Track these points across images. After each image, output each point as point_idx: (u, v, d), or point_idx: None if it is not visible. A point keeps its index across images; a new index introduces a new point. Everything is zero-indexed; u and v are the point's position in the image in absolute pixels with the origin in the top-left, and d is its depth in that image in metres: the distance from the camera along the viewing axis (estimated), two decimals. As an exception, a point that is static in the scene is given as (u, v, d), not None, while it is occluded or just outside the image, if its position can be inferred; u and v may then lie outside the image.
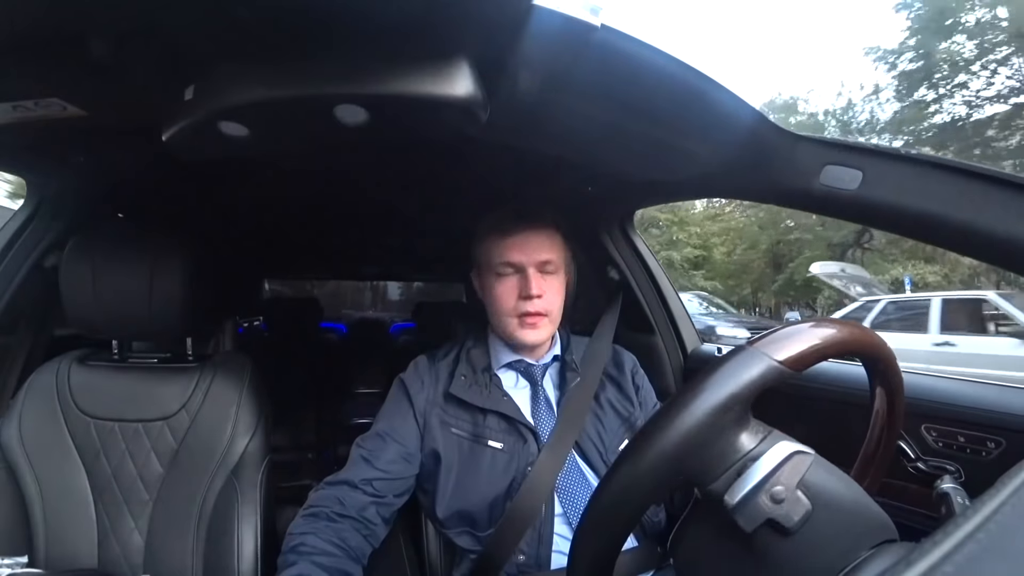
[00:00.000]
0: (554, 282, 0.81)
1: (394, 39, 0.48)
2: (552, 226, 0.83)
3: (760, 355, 0.37)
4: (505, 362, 0.84)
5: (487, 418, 0.79)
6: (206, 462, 0.87)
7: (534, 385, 0.84)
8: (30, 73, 0.53)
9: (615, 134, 0.71)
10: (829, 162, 0.66)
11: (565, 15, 0.47)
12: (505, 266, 0.80)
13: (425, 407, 0.81)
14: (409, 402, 0.81)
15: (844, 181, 0.65)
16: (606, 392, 0.87)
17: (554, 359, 0.87)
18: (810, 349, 0.38)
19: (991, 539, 0.22)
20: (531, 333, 0.79)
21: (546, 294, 0.79)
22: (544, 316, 0.80)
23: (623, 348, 0.96)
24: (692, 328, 1.28)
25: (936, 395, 0.80)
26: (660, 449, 0.35)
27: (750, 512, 0.36)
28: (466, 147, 0.83)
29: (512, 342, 0.82)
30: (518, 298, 0.79)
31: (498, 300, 0.80)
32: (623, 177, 0.97)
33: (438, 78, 0.50)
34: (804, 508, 0.36)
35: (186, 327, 0.92)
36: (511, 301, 0.79)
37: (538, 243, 0.80)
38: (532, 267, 0.79)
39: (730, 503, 0.36)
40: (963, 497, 0.43)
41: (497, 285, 0.80)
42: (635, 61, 0.55)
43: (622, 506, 0.37)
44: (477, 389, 0.81)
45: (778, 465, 0.36)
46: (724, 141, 0.73)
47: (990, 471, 0.71)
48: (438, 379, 0.83)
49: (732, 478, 0.37)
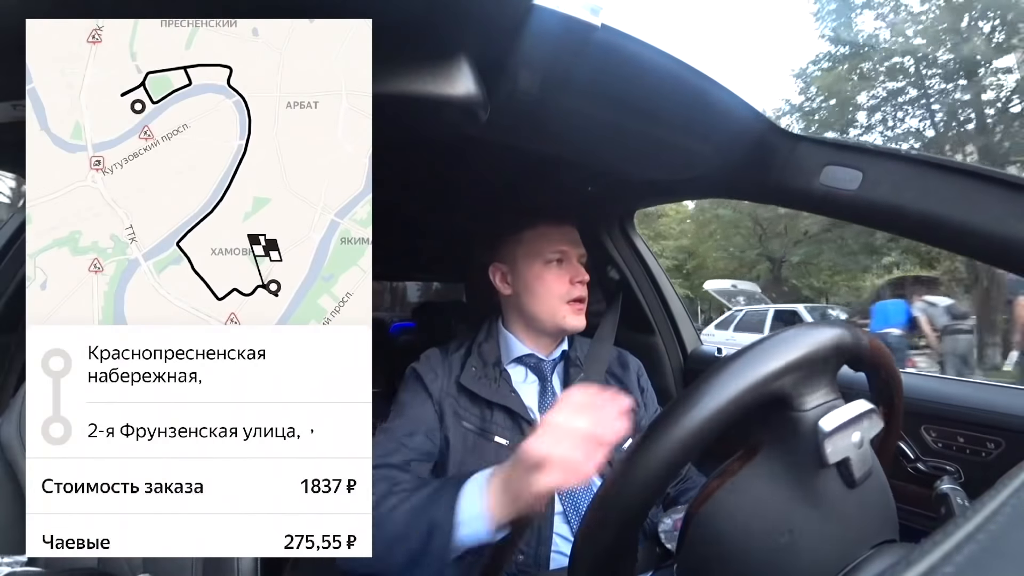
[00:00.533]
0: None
1: (394, 38, 0.47)
2: (576, 225, 0.89)
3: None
4: (516, 356, 0.85)
5: (494, 414, 0.79)
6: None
7: (543, 380, 0.84)
8: None
9: (615, 134, 0.71)
10: (829, 162, 0.67)
11: (565, 15, 0.47)
12: (556, 252, 0.83)
13: (440, 395, 0.81)
14: (426, 391, 0.81)
15: (844, 181, 0.65)
16: None
17: (562, 355, 0.88)
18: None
19: (991, 540, 0.22)
20: (579, 318, 0.83)
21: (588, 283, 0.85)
22: (586, 303, 0.85)
23: (628, 352, 0.96)
24: (692, 328, 1.28)
25: (936, 396, 0.80)
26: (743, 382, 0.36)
27: (838, 443, 0.37)
28: (466, 147, 0.83)
29: (558, 328, 0.84)
30: (570, 283, 0.83)
31: (550, 286, 0.83)
32: (623, 177, 0.97)
33: (438, 77, 0.50)
34: (868, 466, 0.38)
35: None
36: (564, 286, 0.83)
37: (578, 239, 0.87)
38: (576, 257, 0.85)
39: (824, 429, 0.37)
40: (963, 498, 0.43)
41: (546, 272, 0.83)
42: (635, 61, 0.55)
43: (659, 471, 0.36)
44: (486, 382, 0.81)
45: (866, 412, 0.38)
46: (724, 141, 0.73)
47: (990, 472, 0.71)
48: (451, 370, 0.83)
49: (827, 409, 0.38)
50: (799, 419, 0.38)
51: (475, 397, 0.80)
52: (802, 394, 0.38)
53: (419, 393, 0.81)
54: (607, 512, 0.37)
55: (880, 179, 0.63)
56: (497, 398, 0.79)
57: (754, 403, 0.36)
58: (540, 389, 0.84)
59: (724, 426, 0.36)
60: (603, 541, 0.37)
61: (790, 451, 0.38)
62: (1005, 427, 0.72)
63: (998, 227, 0.54)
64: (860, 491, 0.38)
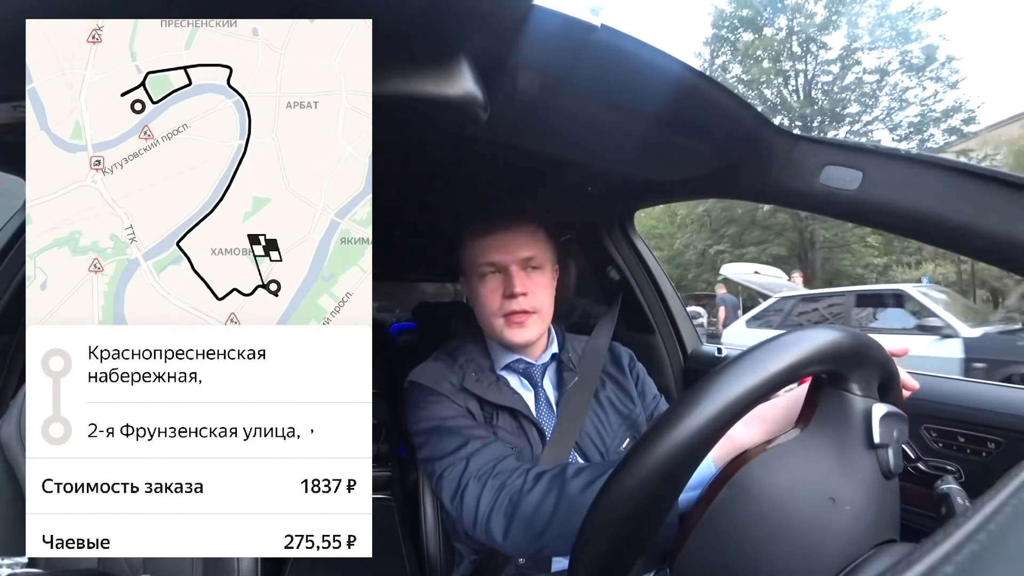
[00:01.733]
0: (540, 278, 0.80)
1: (394, 39, 0.48)
2: (533, 224, 0.82)
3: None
4: (505, 363, 0.84)
5: (499, 416, 0.79)
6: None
7: (535, 387, 0.84)
8: None
9: (615, 134, 0.71)
10: (829, 162, 0.67)
11: (565, 15, 0.47)
12: (486, 266, 0.79)
13: (462, 400, 0.79)
14: (448, 398, 0.79)
15: (844, 181, 0.65)
16: (606, 391, 0.87)
17: (552, 358, 0.87)
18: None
19: (991, 539, 0.22)
20: (519, 332, 0.78)
21: (532, 292, 0.79)
22: (532, 314, 0.79)
23: (619, 344, 0.95)
24: (692, 328, 1.28)
25: (936, 395, 0.80)
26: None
27: (884, 430, 0.40)
28: (466, 147, 0.83)
29: (503, 343, 0.82)
30: (503, 297, 0.78)
31: (483, 302, 0.80)
32: (623, 177, 0.97)
33: (438, 78, 0.50)
34: (899, 463, 0.41)
35: None
36: (496, 301, 0.79)
37: (519, 241, 0.79)
38: (514, 265, 0.78)
39: (876, 414, 0.40)
40: (963, 497, 0.43)
41: (481, 287, 0.80)
42: (635, 61, 0.55)
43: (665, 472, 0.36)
44: (486, 385, 0.80)
45: (902, 415, 0.42)
46: (724, 141, 0.73)
47: (990, 471, 0.71)
48: (453, 375, 0.82)
49: (874, 400, 0.42)
50: (854, 401, 0.41)
51: (481, 400, 0.79)
52: (857, 380, 0.41)
53: (436, 397, 0.79)
54: (605, 516, 0.37)
55: (880, 179, 0.63)
56: (501, 400, 0.79)
57: (774, 390, 0.37)
58: (534, 395, 0.83)
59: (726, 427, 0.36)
60: (601, 546, 0.37)
61: (842, 426, 0.41)
62: (1005, 427, 0.72)
63: (998, 227, 0.54)
64: (890, 484, 0.41)
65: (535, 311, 0.79)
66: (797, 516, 0.38)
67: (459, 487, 0.69)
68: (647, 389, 0.91)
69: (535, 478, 0.65)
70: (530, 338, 0.80)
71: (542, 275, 0.81)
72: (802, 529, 0.38)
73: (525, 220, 0.81)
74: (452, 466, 0.71)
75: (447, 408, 0.77)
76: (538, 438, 0.78)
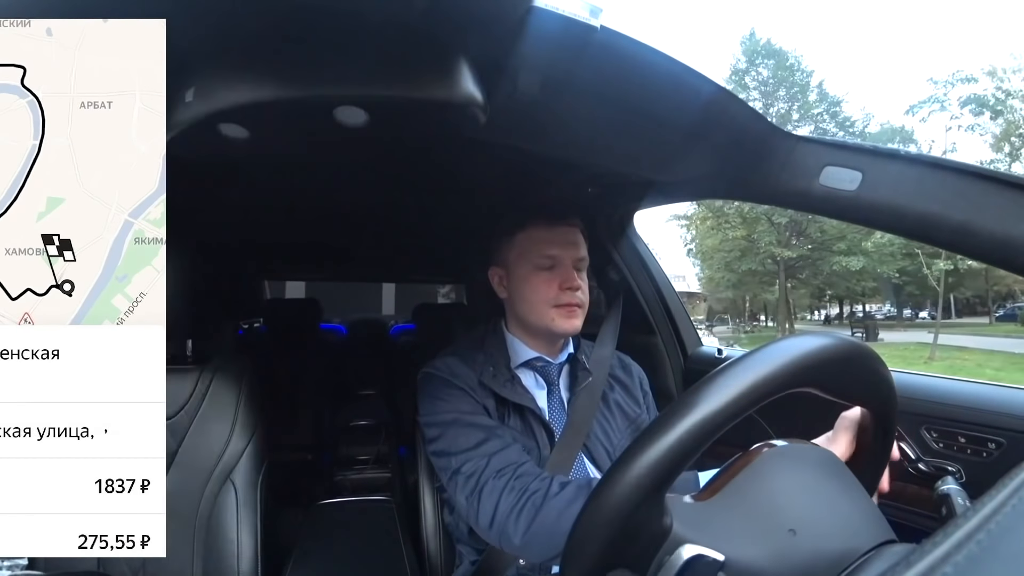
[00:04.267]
0: (584, 278, 0.83)
1: (394, 40, 0.48)
2: (579, 225, 0.85)
3: None
4: (524, 359, 0.84)
5: (510, 415, 0.79)
6: (205, 463, 0.87)
7: (550, 384, 0.84)
8: None
9: (615, 135, 0.71)
10: (829, 163, 0.67)
11: (565, 16, 0.47)
12: (546, 258, 0.81)
13: (480, 396, 0.79)
14: (465, 392, 0.79)
15: (844, 182, 0.65)
16: (614, 393, 0.88)
17: (567, 358, 0.87)
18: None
19: (992, 540, 0.22)
20: (570, 321, 0.81)
21: (583, 288, 0.82)
22: (580, 308, 0.82)
23: (629, 357, 0.97)
24: (692, 329, 1.28)
25: (936, 396, 0.80)
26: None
27: None
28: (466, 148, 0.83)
29: (550, 332, 0.82)
30: (559, 289, 0.80)
31: (537, 290, 0.81)
32: (623, 178, 0.97)
33: (438, 79, 0.50)
34: None
35: (185, 329, 0.92)
36: (552, 291, 0.80)
37: (576, 240, 0.83)
38: (570, 261, 0.81)
39: None
40: (964, 498, 0.43)
41: (534, 276, 0.81)
42: (635, 62, 0.55)
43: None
44: (502, 382, 0.80)
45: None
46: (724, 142, 0.73)
47: (991, 472, 0.71)
48: (472, 370, 0.81)
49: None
50: None
51: (498, 397, 0.79)
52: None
53: (461, 397, 0.78)
54: (594, 519, 0.37)
55: (880, 179, 0.63)
56: (515, 397, 0.79)
57: (753, 405, 0.36)
58: (548, 393, 0.84)
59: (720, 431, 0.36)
60: (591, 548, 0.37)
61: None
62: (1006, 427, 0.72)
63: (998, 227, 0.54)
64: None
65: (581, 306, 0.82)
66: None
67: (478, 484, 0.69)
68: (651, 410, 0.92)
69: (560, 485, 0.65)
70: (577, 328, 0.82)
71: (585, 276, 0.84)
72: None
73: (576, 221, 0.84)
74: (470, 461, 0.71)
75: (466, 403, 0.77)
76: (546, 439, 0.78)
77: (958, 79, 15.29)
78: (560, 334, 0.82)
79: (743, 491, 0.41)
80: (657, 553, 0.37)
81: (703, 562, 0.35)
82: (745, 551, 0.37)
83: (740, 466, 0.42)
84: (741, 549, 0.37)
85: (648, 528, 0.37)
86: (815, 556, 0.37)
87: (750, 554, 0.37)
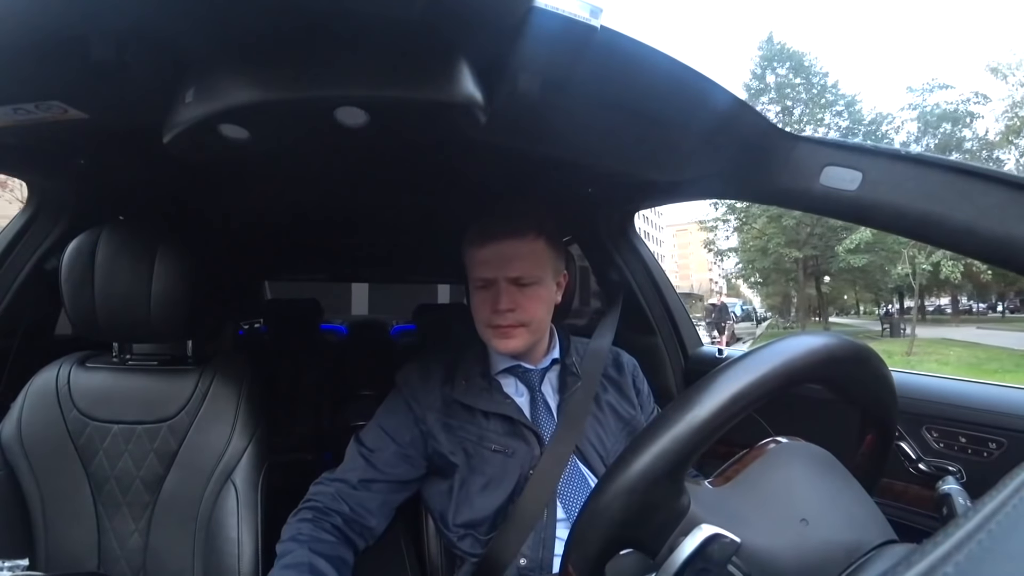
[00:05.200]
0: (534, 291, 0.78)
1: (394, 41, 0.48)
2: (532, 233, 0.78)
3: None
4: (503, 367, 0.84)
5: (490, 422, 0.79)
6: (206, 464, 0.87)
7: (532, 391, 0.83)
8: (31, 76, 0.53)
9: (615, 135, 0.71)
10: (829, 163, 0.67)
11: (565, 16, 0.47)
12: (478, 279, 0.79)
13: (424, 411, 0.80)
14: (407, 405, 0.81)
15: (844, 182, 0.65)
16: (607, 395, 0.87)
17: (553, 362, 0.86)
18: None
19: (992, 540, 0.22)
20: (504, 343, 0.78)
21: (521, 306, 0.77)
22: (519, 327, 0.78)
23: (623, 350, 0.96)
24: (693, 329, 1.28)
25: (937, 396, 0.80)
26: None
27: None
28: (466, 148, 0.83)
29: (493, 350, 0.82)
30: (491, 311, 0.78)
31: (476, 311, 0.81)
32: (623, 178, 0.97)
33: (438, 80, 0.50)
34: None
35: (186, 329, 0.92)
36: (485, 313, 0.79)
37: (512, 256, 0.77)
38: (504, 281, 0.77)
39: None
40: (964, 498, 0.43)
41: (474, 296, 0.81)
42: (635, 63, 0.55)
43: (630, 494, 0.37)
44: (477, 392, 0.80)
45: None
46: (724, 142, 0.73)
47: (991, 471, 0.71)
48: (436, 383, 0.83)
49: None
50: None
51: (469, 408, 0.79)
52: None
53: (399, 406, 0.83)
54: (594, 518, 0.37)
55: (880, 179, 0.62)
56: (492, 407, 0.79)
57: (752, 406, 0.37)
58: (530, 399, 0.83)
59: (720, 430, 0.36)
60: (590, 547, 0.37)
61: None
62: (1007, 427, 0.72)
63: (998, 227, 0.54)
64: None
65: (522, 324, 0.78)
66: None
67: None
68: (647, 403, 0.91)
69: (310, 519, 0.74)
70: (516, 348, 0.79)
71: (536, 289, 0.79)
72: None
73: (523, 229, 0.78)
74: (349, 447, 0.82)
75: (394, 421, 0.82)
76: (536, 442, 0.78)
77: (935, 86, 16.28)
78: (499, 353, 0.81)
79: (756, 481, 0.41)
80: (671, 534, 0.37)
81: (721, 542, 0.36)
82: (759, 536, 0.38)
83: (751, 458, 0.43)
84: (755, 534, 0.37)
85: (666, 507, 0.38)
86: (826, 546, 0.37)
87: (764, 539, 0.38)
